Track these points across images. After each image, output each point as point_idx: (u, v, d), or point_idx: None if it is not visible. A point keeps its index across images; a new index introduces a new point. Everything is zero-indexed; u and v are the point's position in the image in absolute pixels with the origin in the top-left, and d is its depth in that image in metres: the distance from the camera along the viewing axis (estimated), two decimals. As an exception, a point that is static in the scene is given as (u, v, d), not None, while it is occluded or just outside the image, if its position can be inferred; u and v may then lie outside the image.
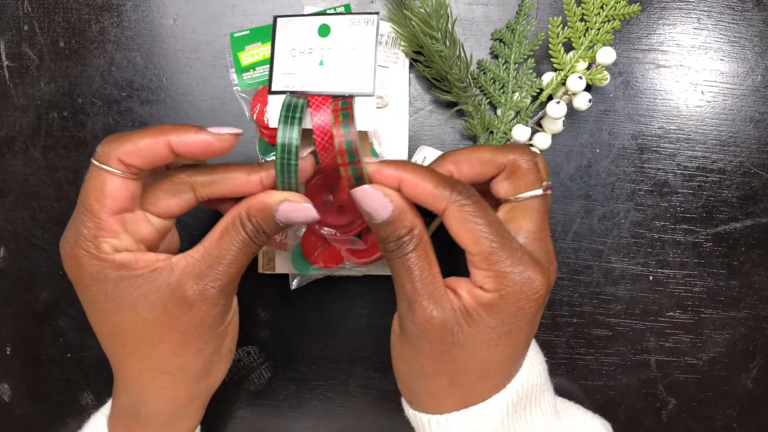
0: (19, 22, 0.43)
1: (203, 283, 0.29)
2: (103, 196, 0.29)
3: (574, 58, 0.40)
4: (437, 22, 0.38)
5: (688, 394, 0.44)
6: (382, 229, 0.30)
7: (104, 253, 0.29)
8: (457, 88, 0.40)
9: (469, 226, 0.29)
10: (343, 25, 0.30)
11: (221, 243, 0.30)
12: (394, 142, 0.42)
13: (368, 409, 0.45)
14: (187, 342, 0.31)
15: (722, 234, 0.43)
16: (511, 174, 0.32)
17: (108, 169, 0.29)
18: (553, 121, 0.41)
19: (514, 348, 0.31)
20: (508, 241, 0.29)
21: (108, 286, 0.29)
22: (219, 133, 0.30)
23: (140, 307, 0.30)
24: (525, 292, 0.29)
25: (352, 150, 0.28)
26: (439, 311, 0.29)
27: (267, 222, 0.30)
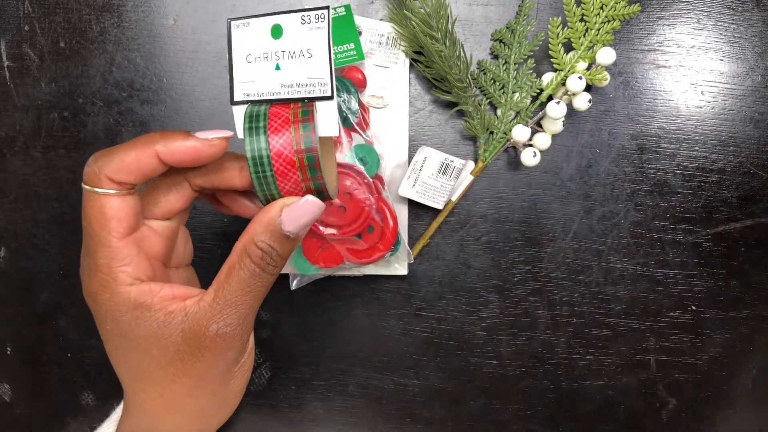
0: (19, 22, 0.43)
1: (215, 327, 0.28)
2: (107, 221, 0.28)
3: (574, 59, 0.40)
4: (437, 22, 0.38)
5: (688, 394, 0.44)
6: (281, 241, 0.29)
7: (121, 284, 0.28)
8: (457, 89, 0.40)
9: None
10: (294, 24, 0.28)
11: (230, 281, 0.28)
12: (394, 142, 0.42)
13: (368, 409, 0.45)
14: (201, 385, 0.30)
15: (722, 234, 0.43)
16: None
17: (102, 191, 0.28)
18: (553, 121, 0.41)
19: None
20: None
21: (122, 326, 0.29)
22: (207, 138, 0.28)
23: (154, 351, 0.29)
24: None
25: (314, 166, 0.27)
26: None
27: (275, 239, 0.28)
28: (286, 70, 0.29)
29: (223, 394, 0.32)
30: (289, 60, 0.29)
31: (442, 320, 0.44)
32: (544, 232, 0.43)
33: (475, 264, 0.43)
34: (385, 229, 0.39)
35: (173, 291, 0.29)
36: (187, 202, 0.31)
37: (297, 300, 0.44)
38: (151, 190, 0.31)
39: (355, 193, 0.38)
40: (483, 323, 0.44)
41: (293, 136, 0.27)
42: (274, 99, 0.28)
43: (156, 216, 0.31)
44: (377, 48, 0.41)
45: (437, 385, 0.44)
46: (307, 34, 0.28)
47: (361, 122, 0.40)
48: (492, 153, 0.42)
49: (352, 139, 0.39)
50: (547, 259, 0.44)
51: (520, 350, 0.44)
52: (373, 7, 0.42)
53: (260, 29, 0.29)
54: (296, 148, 0.27)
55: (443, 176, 0.41)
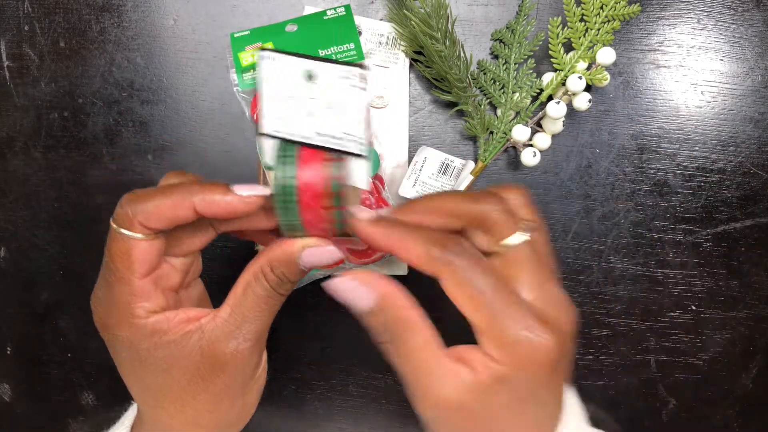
0: (19, 22, 0.43)
1: (234, 344, 0.29)
2: (132, 263, 0.28)
3: (574, 59, 0.40)
4: (437, 22, 0.38)
5: (688, 394, 0.44)
6: (368, 319, 0.28)
7: (138, 318, 0.29)
8: (457, 88, 0.40)
9: (468, 291, 0.26)
10: (330, 76, 0.27)
11: (246, 301, 0.29)
12: (394, 142, 0.42)
13: (368, 409, 0.45)
14: (221, 400, 0.30)
15: (722, 234, 0.43)
16: (483, 225, 0.28)
17: (131, 234, 0.28)
18: (553, 121, 0.41)
19: (539, 409, 0.28)
20: (511, 303, 0.26)
21: (140, 353, 0.29)
22: (244, 196, 0.28)
23: (173, 371, 0.29)
24: (536, 358, 0.26)
25: (339, 193, 0.27)
26: (452, 393, 0.26)
27: (291, 270, 0.28)
28: (319, 118, 0.28)
29: (239, 406, 0.32)
30: (322, 109, 0.28)
31: (442, 320, 0.44)
32: (544, 232, 0.43)
33: (475, 264, 0.43)
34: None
35: (187, 314, 0.30)
36: (207, 243, 0.32)
37: (297, 300, 0.44)
38: (174, 231, 0.31)
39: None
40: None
41: (322, 171, 0.27)
42: (306, 143, 0.28)
43: (176, 254, 0.31)
44: (377, 48, 0.41)
45: (437, 385, 0.44)
46: (343, 89, 0.27)
47: (361, 122, 0.40)
48: (492, 153, 0.42)
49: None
50: (547, 259, 0.44)
51: (520, 350, 0.44)
52: (373, 7, 0.42)
53: (291, 68, 0.28)
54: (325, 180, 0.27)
55: (443, 176, 0.41)
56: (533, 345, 0.26)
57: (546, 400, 0.28)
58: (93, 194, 0.44)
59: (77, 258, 0.44)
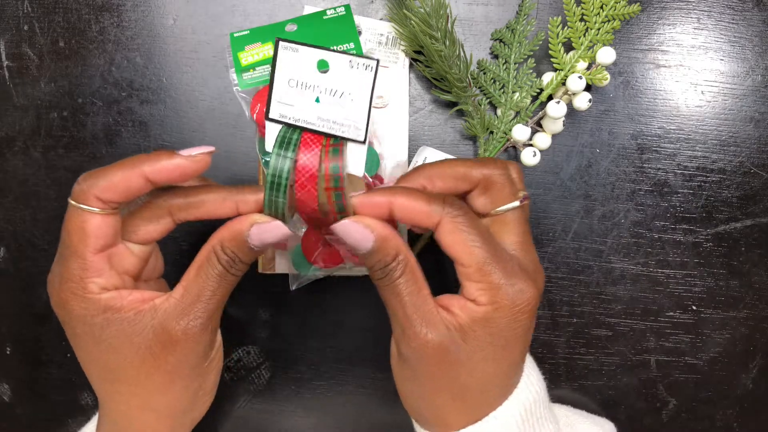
0: (19, 22, 0.43)
1: (184, 321, 0.30)
2: (86, 236, 0.29)
3: (574, 58, 0.40)
4: (437, 21, 0.38)
5: (688, 394, 0.44)
6: (368, 259, 0.30)
7: (91, 293, 0.30)
8: (457, 88, 0.40)
9: (462, 237, 0.29)
10: (341, 65, 0.29)
11: (198, 279, 0.30)
12: (394, 142, 0.42)
13: (368, 409, 0.45)
14: (173, 380, 0.31)
15: (722, 234, 0.43)
16: (486, 189, 0.32)
17: (86, 208, 0.29)
18: (553, 121, 0.41)
19: (511, 360, 0.31)
20: (499, 252, 0.30)
21: (94, 329, 0.30)
22: (192, 155, 0.29)
23: (125, 349, 0.30)
24: (518, 303, 0.29)
25: (338, 176, 0.28)
26: (434, 333, 0.29)
27: (241, 249, 0.30)
28: (326, 104, 0.30)
29: (194, 390, 0.33)
30: (330, 96, 0.30)
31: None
32: (544, 232, 0.43)
33: (475, 264, 0.43)
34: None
35: (142, 295, 0.31)
36: (165, 233, 0.32)
37: (297, 300, 0.44)
38: (132, 217, 0.32)
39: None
40: (483, 323, 0.44)
41: (322, 155, 0.29)
42: (309, 128, 0.30)
43: (133, 240, 0.32)
44: (377, 48, 0.41)
45: (437, 385, 0.44)
46: (352, 78, 0.29)
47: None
48: (492, 153, 0.42)
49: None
50: (547, 258, 0.44)
51: (520, 350, 0.44)
52: (373, 7, 0.42)
53: (307, 58, 0.30)
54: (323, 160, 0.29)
55: (443, 176, 0.41)
56: (516, 289, 0.29)
57: (517, 346, 0.31)
58: (93, 194, 0.44)
59: (77, 258, 0.44)
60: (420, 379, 0.31)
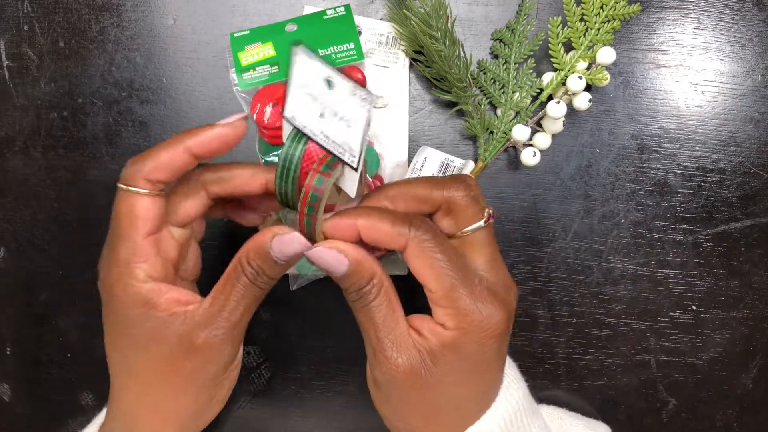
0: (19, 22, 0.43)
1: (208, 330, 0.30)
2: (136, 219, 0.30)
3: (574, 58, 0.40)
4: (437, 21, 0.38)
5: (688, 394, 0.44)
6: (343, 281, 0.30)
7: (136, 279, 0.30)
8: (457, 88, 0.40)
9: (429, 262, 0.28)
10: (344, 90, 0.29)
11: (225, 289, 0.30)
12: (394, 142, 0.42)
13: (368, 409, 0.45)
14: (187, 387, 0.31)
15: (722, 234, 0.43)
16: (449, 210, 0.31)
17: (136, 190, 0.30)
18: (553, 121, 0.41)
19: (483, 382, 0.31)
20: (468, 275, 0.29)
21: (128, 320, 0.30)
22: (230, 122, 0.31)
23: (151, 347, 0.30)
24: (485, 329, 0.29)
25: (313, 205, 0.29)
26: (404, 357, 0.29)
27: (265, 262, 0.30)
28: (328, 122, 0.30)
29: (205, 400, 0.33)
30: (332, 116, 0.30)
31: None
32: (544, 232, 0.43)
33: (475, 264, 0.43)
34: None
35: (179, 295, 0.31)
36: (202, 209, 0.33)
37: (297, 300, 0.44)
38: (169, 198, 0.32)
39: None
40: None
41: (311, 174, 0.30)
42: (313, 139, 0.30)
43: (173, 222, 0.32)
44: (377, 48, 0.41)
45: (437, 385, 0.44)
46: (353, 106, 0.29)
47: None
48: (492, 153, 0.42)
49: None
50: (547, 259, 0.44)
51: (520, 350, 0.44)
52: (373, 7, 0.42)
53: (317, 71, 0.29)
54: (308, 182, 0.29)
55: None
56: (484, 315, 0.29)
57: (489, 369, 0.30)
58: (93, 194, 0.44)
59: (77, 258, 0.44)
60: (393, 402, 0.31)
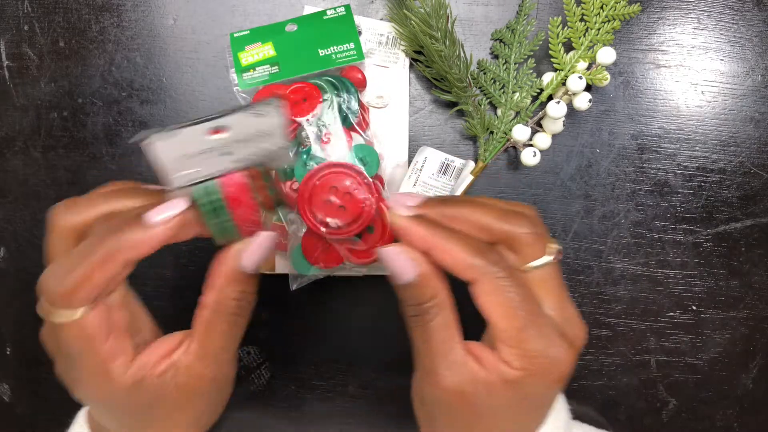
0: (19, 22, 0.43)
1: (211, 374, 0.29)
2: (91, 339, 0.27)
3: (574, 58, 0.40)
4: (437, 22, 0.38)
5: (688, 394, 0.44)
6: (404, 291, 0.29)
7: (118, 378, 0.28)
8: (457, 88, 0.40)
9: (502, 300, 0.27)
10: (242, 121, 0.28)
11: (212, 336, 0.29)
12: (394, 142, 0.42)
13: (368, 409, 0.45)
14: (200, 418, 0.32)
15: (722, 234, 0.43)
16: (512, 245, 0.29)
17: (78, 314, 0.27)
18: (553, 121, 0.41)
19: (535, 420, 0.30)
20: (538, 317, 0.28)
21: (122, 407, 0.30)
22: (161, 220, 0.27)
23: (154, 410, 0.30)
24: (552, 372, 0.28)
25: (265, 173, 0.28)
26: (457, 381, 0.28)
27: (243, 283, 0.29)
28: (238, 152, 0.28)
29: (210, 414, 0.33)
30: (239, 144, 0.28)
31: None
32: (544, 232, 0.43)
33: (475, 264, 0.43)
34: (385, 228, 0.39)
35: (158, 351, 0.29)
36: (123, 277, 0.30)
37: (297, 300, 0.44)
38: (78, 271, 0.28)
39: (354, 193, 0.38)
40: (483, 323, 0.44)
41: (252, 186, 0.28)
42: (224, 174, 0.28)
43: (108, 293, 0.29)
44: (377, 48, 0.41)
45: (437, 385, 0.44)
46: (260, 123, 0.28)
47: (361, 122, 0.40)
48: (492, 153, 0.42)
49: (352, 138, 0.39)
50: (547, 259, 0.44)
51: (520, 350, 0.44)
52: (373, 7, 0.42)
53: (194, 135, 0.28)
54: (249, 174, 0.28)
55: (444, 176, 0.41)
56: (552, 360, 0.27)
57: (544, 407, 0.30)
58: (93, 194, 0.44)
59: (77, 258, 0.44)
60: (437, 423, 0.30)
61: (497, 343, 0.28)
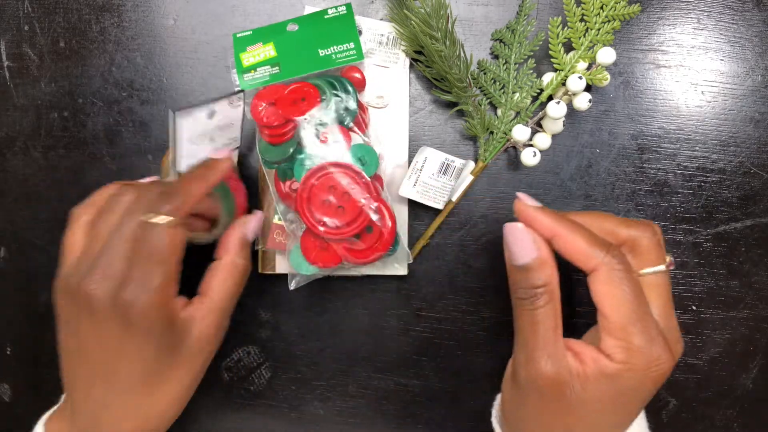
0: (19, 22, 0.43)
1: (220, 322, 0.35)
2: (176, 247, 0.31)
3: (574, 59, 0.40)
4: (437, 22, 0.38)
5: (688, 394, 0.44)
6: (518, 273, 0.30)
7: (170, 301, 0.32)
8: (457, 88, 0.40)
9: (615, 291, 0.29)
10: (224, 107, 0.37)
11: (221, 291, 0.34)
12: (394, 142, 0.42)
13: (368, 409, 0.45)
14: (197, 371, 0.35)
15: (722, 234, 0.43)
16: (633, 248, 0.32)
17: (175, 222, 0.31)
18: (553, 121, 0.41)
19: (625, 418, 0.31)
20: (646, 314, 0.29)
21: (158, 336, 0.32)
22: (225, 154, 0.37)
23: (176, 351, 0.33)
24: (651, 370, 0.29)
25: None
26: (556, 370, 0.29)
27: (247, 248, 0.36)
28: (218, 139, 0.38)
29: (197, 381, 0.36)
30: (219, 132, 0.38)
31: (442, 320, 0.44)
32: (544, 232, 0.43)
33: (475, 264, 0.43)
34: (383, 229, 0.39)
35: (181, 301, 0.34)
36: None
37: (297, 300, 0.44)
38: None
39: (353, 193, 0.38)
40: (483, 323, 0.44)
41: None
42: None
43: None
44: (377, 48, 0.41)
45: (437, 385, 0.44)
46: (231, 112, 0.38)
47: (360, 122, 0.40)
48: (492, 153, 0.42)
49: (350, 139, 0.39)
50: (547, 259, 0.44)
51: (520, 350, 0.44)
52: (373, 7, 0.42)
53: (200, 116, 0.36)
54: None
55: (444, 176, 0.41)
56: (653, 358, 0.29)
57: (635, 409, 0.31)
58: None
59: (77, 258, 0.44)
60: (528, 409, 0.31)
61: (603, 333, 0.30)
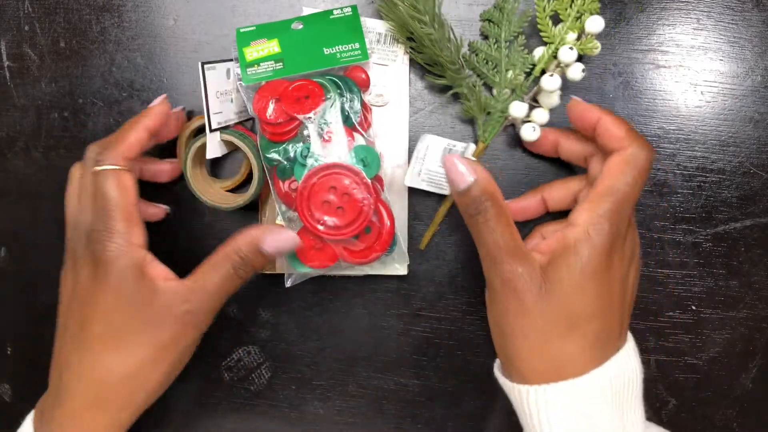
0: (19, 22, 0.43)
1: (188, 305, 0.34)
2: (125, 190, 0.34)
3: (563, 30, 0.40)
4: (424, 5, 0.38)
5: (688, 394, 0.44)
6: (463, 197, 0.34)
7: (135, 246, 0.34)
8: (450, 71, 0.40)
9: (625, 170, 0.33)
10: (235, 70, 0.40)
11: (211, 276, 0.35)
12: (395, 142, 0.42)
13: (368, 409, 0.45)
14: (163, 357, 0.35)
15: (722, 234, 0.43)
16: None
17: (119, 167, 0.34)
18: (548, 94, 0.40)
19: (599, 289, 0.33)
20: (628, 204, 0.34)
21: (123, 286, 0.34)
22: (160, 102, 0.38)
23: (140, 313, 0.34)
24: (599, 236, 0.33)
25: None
26: (524, 266, 0.33)
27: (254, 253, 0.35)
28: (235, 101, 0.40)
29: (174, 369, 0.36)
30: (236, 94, 0.40)
31: (442, 320, 0.44)
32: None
33: (475, 264, 0.43)
34: (382, 230, 0.39)
35: (159, 269, 0.35)
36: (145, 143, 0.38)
37: (297, 300, 0.44)
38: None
39: (353, 193, 0.38)
40: (483, 323, 0.44)
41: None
42: (233, 124, 0.40)
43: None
44: (376, 46, 0.41)
45: (437, 385, 0.44)
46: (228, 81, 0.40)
47: (363, 122, 0.40)
48: (492, 133, 0.41)
49: (353, 138, 0.39)
50: (547, 259, 0.44)
51: (520, 350, 0.44)
52: (373, 7, 0.42)
53: (221, 71, 0.39)
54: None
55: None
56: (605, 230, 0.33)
57: (603, 279, 0.33)
58: (93, 194, 0.44)
59: (77, 258, 0.44)
60: (508, 317, 0.34)
61: (581, 202, 0.34)
